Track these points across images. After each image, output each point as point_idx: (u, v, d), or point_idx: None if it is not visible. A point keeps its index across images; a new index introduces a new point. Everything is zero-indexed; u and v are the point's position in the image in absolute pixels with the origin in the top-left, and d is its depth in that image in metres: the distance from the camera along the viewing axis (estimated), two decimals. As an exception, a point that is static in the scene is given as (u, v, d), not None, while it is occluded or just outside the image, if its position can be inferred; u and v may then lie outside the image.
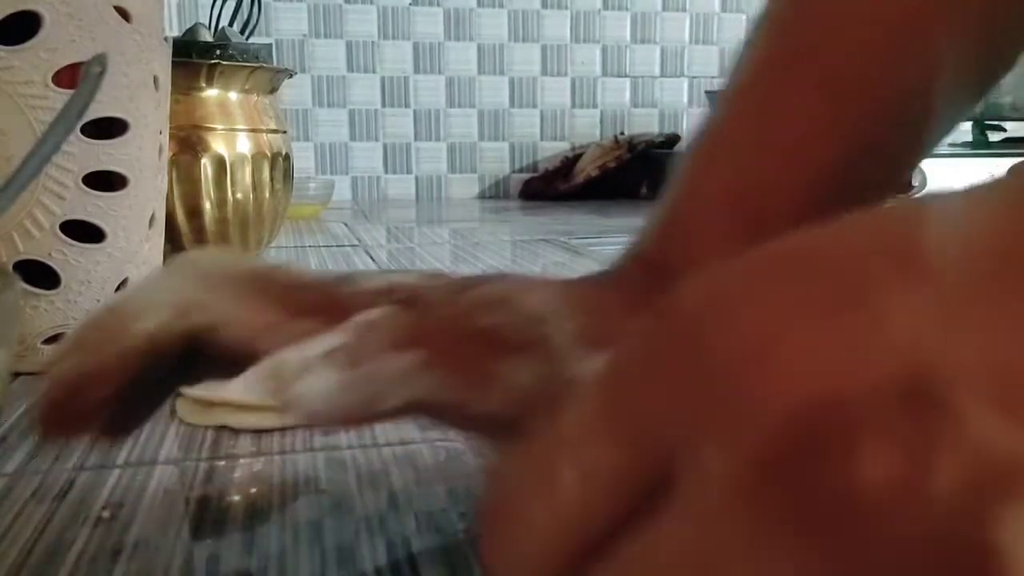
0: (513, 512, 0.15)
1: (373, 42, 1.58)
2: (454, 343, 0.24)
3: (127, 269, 0.48)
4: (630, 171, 1.60)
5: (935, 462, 0.11)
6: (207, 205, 0.68)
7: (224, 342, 0.25)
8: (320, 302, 0.25)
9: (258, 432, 0.37)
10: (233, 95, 0.70)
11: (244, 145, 0.70)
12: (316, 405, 0.22)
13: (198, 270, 0.27)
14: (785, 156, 0.30)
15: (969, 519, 0.11)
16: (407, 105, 1.61)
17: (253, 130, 0.71)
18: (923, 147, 0.31)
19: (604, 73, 1.69)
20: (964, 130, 1.75)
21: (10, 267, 0.44)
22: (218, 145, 0.68)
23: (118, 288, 0.48)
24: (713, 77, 1.74)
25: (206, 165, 0.67)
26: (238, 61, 0.70)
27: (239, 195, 0.69)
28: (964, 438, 0.11)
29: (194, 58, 0.68)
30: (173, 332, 0.24)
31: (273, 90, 0.75)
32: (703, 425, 0.13)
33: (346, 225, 1.19)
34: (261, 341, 0.24)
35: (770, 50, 0.31)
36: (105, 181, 0.47)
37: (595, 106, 1.69)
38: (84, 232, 0.46)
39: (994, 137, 1.65)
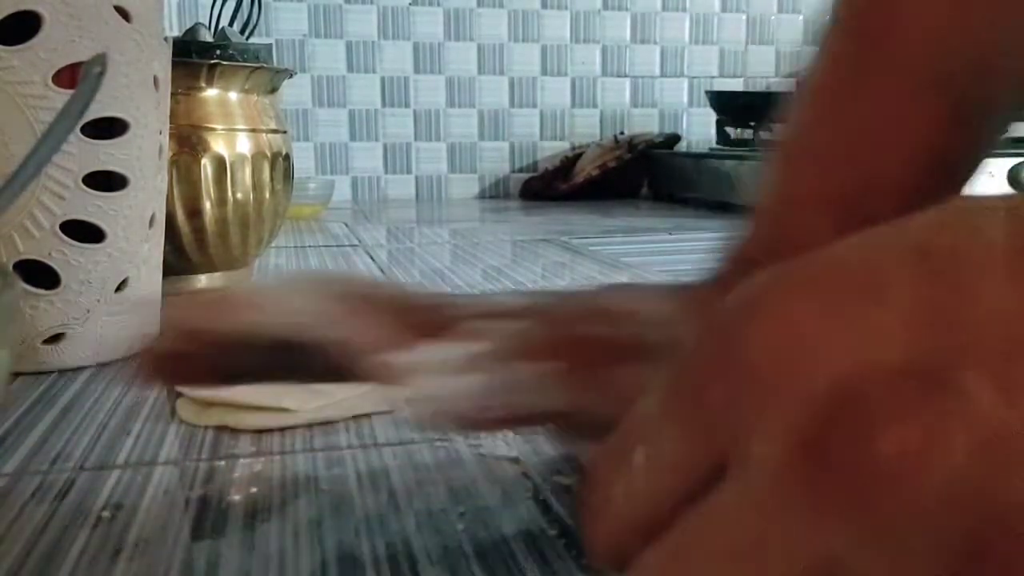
0: (599, 492, 0.17)
1: (373, 42, 1.58)
2: (583, 353, 0.25)
3: (127, 269, 0.48)
4: (630, 171, 1.60)
5: (943, 438, 0.13)
6: (207, 205, 0.68)
7: (335, 350, 0.26)
8: (430, 322, 0.27)
9: (258, 432, 0.37)
10: (233, 95, 0.70)
11: (244, 145, 0.70)
12: (460, 404, 0.23)
13: (314, 282, 0.29)
14: (874, 151, 0.30)
15: (977, 485, 0.12)
16: (407, 105, 1.61)
17: (253, 130, 0.71)
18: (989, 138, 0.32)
19: (604, 73, 1.69)
20: (964, 130, 1.75)
21: (10, 267, 0.44)
22: (218, 145, 0.68)
23: (118, 288, 0.48)
24: (713, 77, 1.74)
25: (206, 165, 0.67)
26: (238, 61, 0.70)
27: (239, 195, 0.69)
28: (969, 414, 0.13)
29: (194, 58, 0.67)
30: (281, 330, 0.27)
31: (273, 90, 0.75)
32: (747, 415, 0.15)
33: (346, 225, 1.19)
34: (376, 351, 0.25)
35: (844, 44, 0.32)
36: (105, 181, 0.47)
37: (595, 106, 1.69)
38: (84, 232, 0.46)
39: (994, 137, 1.64)
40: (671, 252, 1.10)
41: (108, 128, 0.46)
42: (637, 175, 1.63)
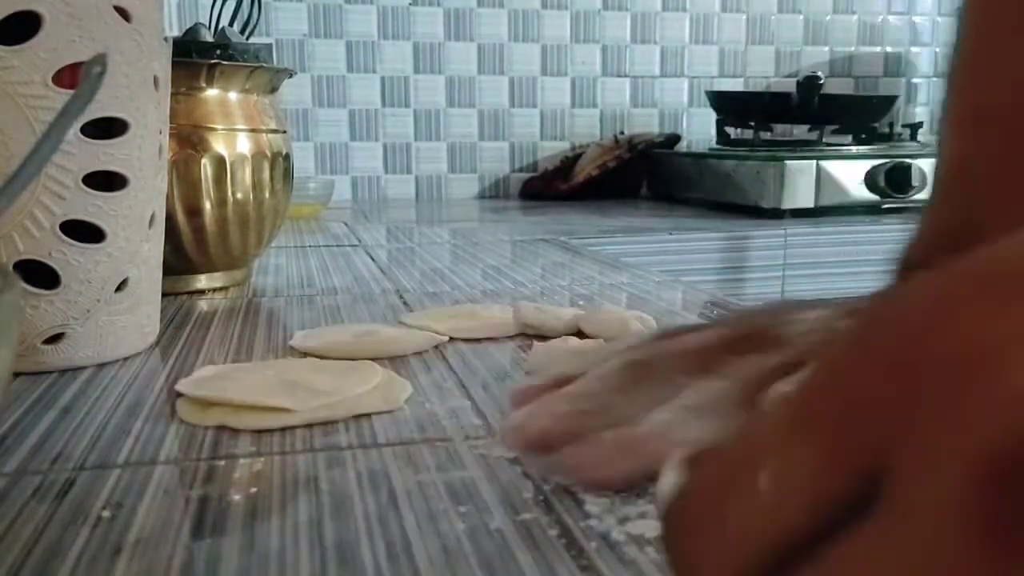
0: (707, 513, 0.15)
1: (373, 42, 1.58)
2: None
3: (127, 269, 0.48)
4: (630, 171, 1.60)
5: None
6: (207, 205, 0.68)
7: None
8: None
9: (258, 432, 0.37)
10: (233, 95, 0.70)
11: (244, 145, 0.70)
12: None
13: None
14: None
15: None
16: (407, 105, 1.61)
17: (253, 130, 0.71)
18: None
19: (604, 73, 1.69)
20: (964, 130, 1.75)
21: (10, 267, 0.44)
22: (218, 145, 0.68)
23: (118, 288, 0.48)
24: (713, 77, 1.74)
25: (206, 165, 0.67)
26: (238, 61, 0.70)
27: (239, 195, 0.69)
28: None
29: (194, 58, 0.68)
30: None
31: (273, 90, 0.75)
32: (918, 437, 0.12)
33: (346, 225, 1.19)
34: None
35: None
36: (105, 181, 0.47)
37: (595, 106, 1.69)
38: (84, 232, 0.46)
39: (994, 137, 1.64)
40: (671, 252, 1.10)
41: (108, 128, 0.46)
42: (637, 175, 1.63)
